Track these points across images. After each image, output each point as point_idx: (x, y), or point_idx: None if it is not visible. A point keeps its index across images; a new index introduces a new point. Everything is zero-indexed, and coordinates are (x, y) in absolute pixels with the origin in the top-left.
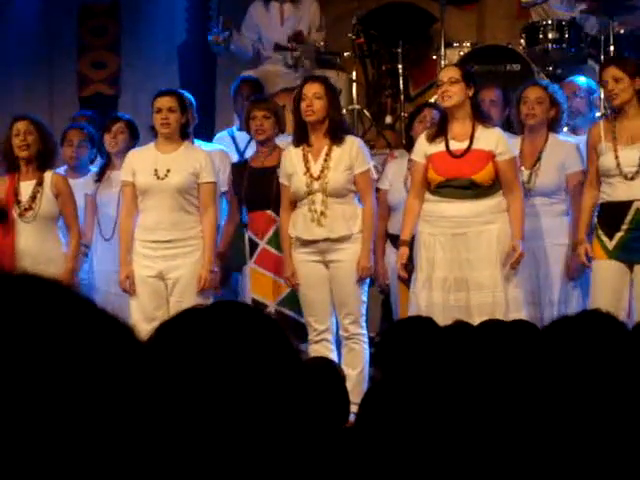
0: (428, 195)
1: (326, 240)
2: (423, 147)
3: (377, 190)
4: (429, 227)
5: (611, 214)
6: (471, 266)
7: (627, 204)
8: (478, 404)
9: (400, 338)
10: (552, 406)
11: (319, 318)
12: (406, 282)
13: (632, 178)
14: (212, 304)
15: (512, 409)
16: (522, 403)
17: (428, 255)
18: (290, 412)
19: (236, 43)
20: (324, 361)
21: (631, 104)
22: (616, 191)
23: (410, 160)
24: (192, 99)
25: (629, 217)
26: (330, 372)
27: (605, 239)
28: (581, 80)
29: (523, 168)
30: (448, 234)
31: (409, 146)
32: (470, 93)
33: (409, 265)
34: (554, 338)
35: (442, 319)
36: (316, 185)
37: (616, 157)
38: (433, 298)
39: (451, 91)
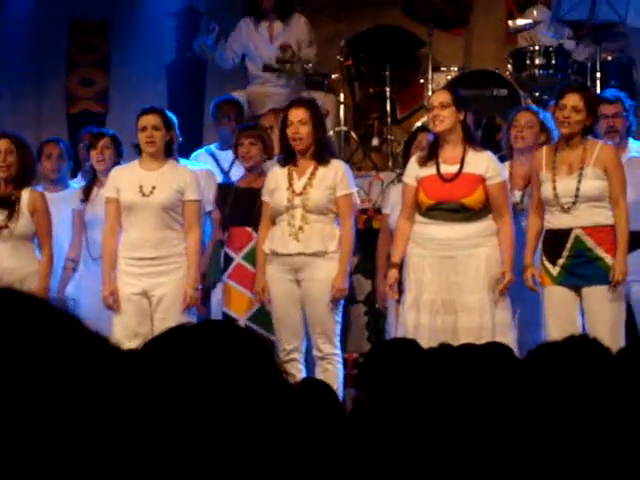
0: (418, 217)
1: (300, 255)
2: (414, 170)
3: (380, 214)
4: (418, 249)
5: (552, 241)
6: (459, 289)
7: (566, 232)
8: (459, 426)
9: (383, 360)
10: (534, 431)
11: (289, 337)
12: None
13: (568, 209)
14: (202, 322)
15: (495, 434)
16: (504, 428)
17: (417, 277)
18: (278, 433)
19: (221, 52)
20: (316, 381)
21: (577, 136)
22: (556, 219)
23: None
24: (174, 118)
25: (569, 245)
26: (323, 390)
27: (549, 266)
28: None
29: (514, 190)
30: (437, 256)
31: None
32: (461, 117)
33: (400, 286)
34: (539, 363)
35: (429, 341)
36: (297, 200)
37: (554, 188)
38: (420, 319)
39: (442, 115)
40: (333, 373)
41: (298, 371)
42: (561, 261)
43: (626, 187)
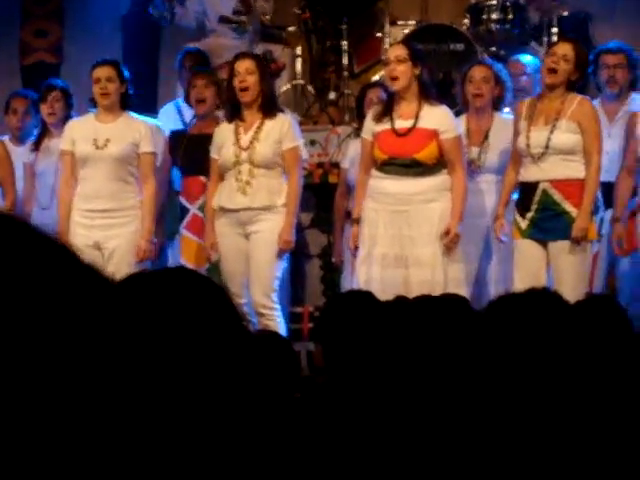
0: (373, 172)
1: (247, 209)
2: (370, 125)
3: (338, 168)
4: (373, 203)
5: (523, 194)
6: (412, 243)
7: (534, 185)
8: (419, 378)
9: (339, 313)
10: (493, 384)
11: (239, 291)
12: None
13: (539, 159)
14: (161, 269)
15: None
16: (462, 379)
17: (370, 231)
18: (237, 379)
19: (180, 17)
20: (272, 333)
21: (561, 87)
22: (527, 172)
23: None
24: (127, 73)
25: (536, 198)
26: (279, 343)
27: (519, 219)
28: (527, 59)
29: (471, 146)
30: (390, 211)
31: (360, 127)
32: (417, 72)
33: None
34: (498, 315)
35: (380, 295)
36: (244, 155)
37: (527, 137)
38: (372, 273)
39: (397, 71)
40: (273, 328)
41: (250, 324)
42: (530, 214)
43: (601, 143)
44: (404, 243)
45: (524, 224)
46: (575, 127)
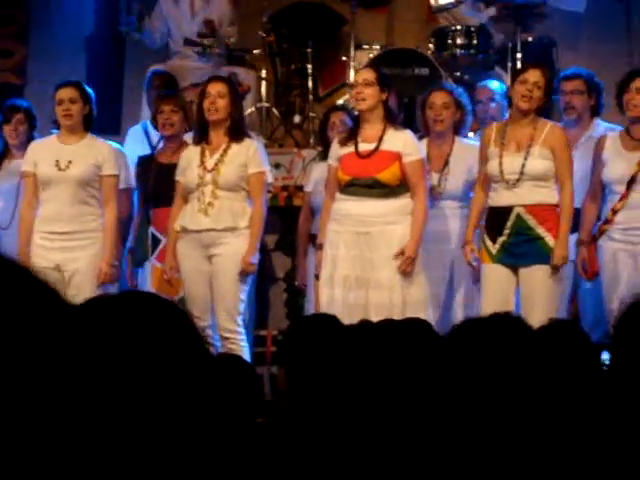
0: (337, 194)
1: (210, 231)
2: (336, 150)
3: (302, 191)
4: (335, 225)
5: (494, 219)
6: (372, 265)
7: (508, 210)
8: (381, 400)
9: (303, 336)
10: (455, 408)
11: (200, 314)
12: None
13: (513, 185)
14: (120, 293)
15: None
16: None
17: (332, 253)
18: (198, 403)
19: (147, 31)
20: (234, 357)
21: (532, 114)
22: (499, 196)
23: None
24: (92, 93)
25: (510, 222)
26: (241, 366)
27: (489, 243)
28: (495, 85)
29: (432, 172)
30: (352, 232)
31: (324, 151)
32: (384, 97)
33: None
34: (462, 340)
35: (342, 317)
36: (208, 177)
37: (500, 163)
38: (334, 295)
39: (365, 93)
40: (238, 352)
41: (212, 348)
42: (501, 239)
43: (572, 169)
44: (365, 265)
45: (494, 249)
46: (548, 153)
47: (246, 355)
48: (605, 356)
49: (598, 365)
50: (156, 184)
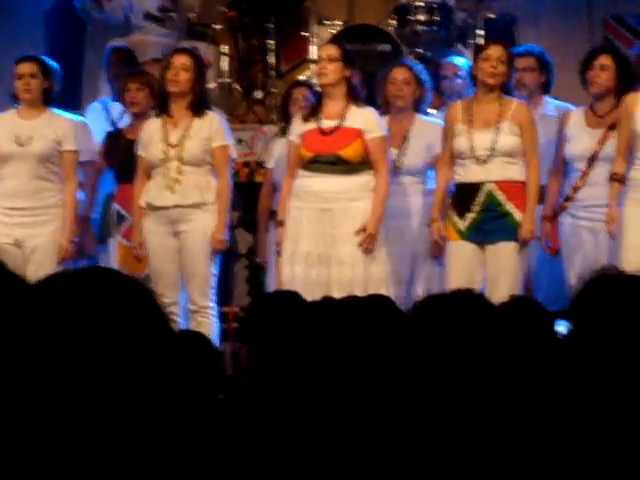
0: (300, 171)
1: (177, 207)
2: (298, 127)
3: (263, 168)
4: (297, 201)
5: (463, 195)
6: (334, 242)
7: (478, 186)
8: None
9: (264, 313)
10: (417, 384)
11: (166, 290)
12: None
13: (484, 161)
14: (82, 269)
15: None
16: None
17: (294, 229)
18: (159, 379)
19: (106, 10)
20: (196, 333)
21: (497, 90)
22: (468, 173)
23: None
24: (56, 66)
25: (480, 199)
26: (203, 343)
27: (457, 220)
28: (461, 62)
29: (391, 148)
30: (315, 209)
31: (286, 127)
32: (347, 73)
33: None
34: (423, 316)
35: (304, 294)
36: (172, 153)
37: (470, 140)
38: (295, 272)
39: (328, 69)
40: (207, 326)
41: (176, 324)
42: (470, 215)
43: (537, 145)
44: (327, 241)
45: (463, 225)
46: (516, 129)
47: (216, 329)
48: (561, 328)
49: (557, 341)
50: (123, 160)
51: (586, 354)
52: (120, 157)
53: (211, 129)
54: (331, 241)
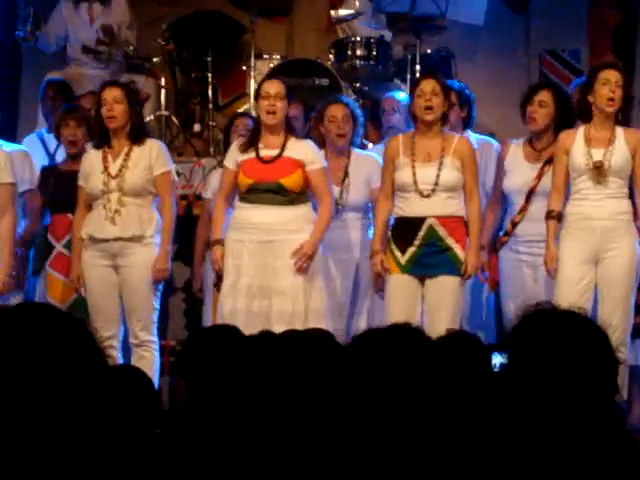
0: (238, 202)
1: (118, 240)
2: (234, 155)
3: (200, 199)
4: (237, 234)
5: (405, 229)
6: (275, 274)
7: (421, 220)
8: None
9: (203, 347)
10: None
11: (105, 324)
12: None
13: (427, 196)
14: (17, 305)
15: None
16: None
17: (235, 262)
18: (93, 414)
19: (41, 35)
20: (132, 368)
21: (437, 124)
22: (410, 206)
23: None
24: None
25: (422, 233)
26: (139, 377)
27: (398, 254)
28: (401, 96)
29: (333, 185)
30: (255, 241)
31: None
32: (289, 110)
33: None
34: (362, 350)
35: (246, 326)
36: (113, 184)
37: (414, 174)
38: (237, 304)
39: (277, 106)
40: (150, 360)
41: (115, 359)
42: (412, 249)
43: (479, 180)
44: (268, 273)
45: (403, 259)
46: (458, 164)
47: (157, 364)
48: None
49: (493, 374)
50: (55, 190)
51: (520, 386)
52: (52, 188)
53: (151, 157)
54: (272, 273)
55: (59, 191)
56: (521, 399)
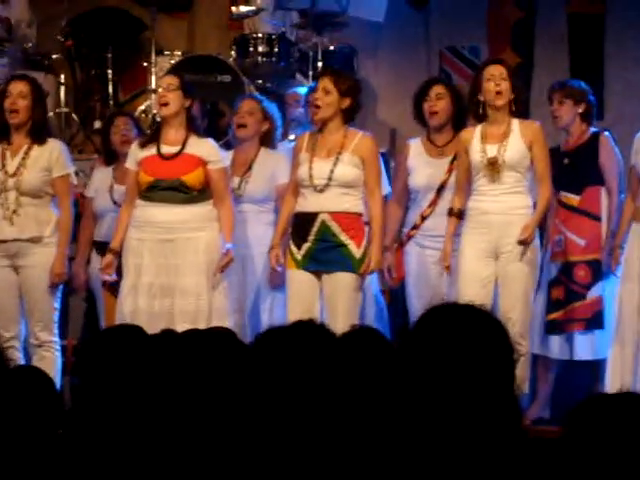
0: (138, 200)
1: (16, 241)
2: (134, 154)
3: (83, 197)
4: (137, 233)
5: (300, 224)
6: (177, 272)
7: (314, 215)
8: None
9: (101, 347)
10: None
11: (5, 324)
12: (112, 289)
13: (321, 190)
14: None
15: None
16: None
17: (135, 261)
18: None
19: None
20: (32, 368)
21: (333, 120)
22: (306, 202)
23: (114, 169)
24: None
25: (315, 228)
26: (40, 378)
27: (294, 249)
28: (304, 91)
29: (234, 176)
30: (156, 240)
31: (108, 155)
32: (187, 103)
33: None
34: (265, 347)
35: (147, 326)
36: (10, 182)
37: (310, 168)
38: (138, 304)
39: (168, 97)
40: (51, 360)
41: (16, 359)
42: (306, 245)
43: (381, 178)
44: (170, 272)
45: (299, 255)
46: (358, 162)
47: (59, 364)
48: None
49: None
50: None
51: (420, 380)
52: None
53: (51, 158)
54: (174, 272)
55: None
56: (420, 392)
